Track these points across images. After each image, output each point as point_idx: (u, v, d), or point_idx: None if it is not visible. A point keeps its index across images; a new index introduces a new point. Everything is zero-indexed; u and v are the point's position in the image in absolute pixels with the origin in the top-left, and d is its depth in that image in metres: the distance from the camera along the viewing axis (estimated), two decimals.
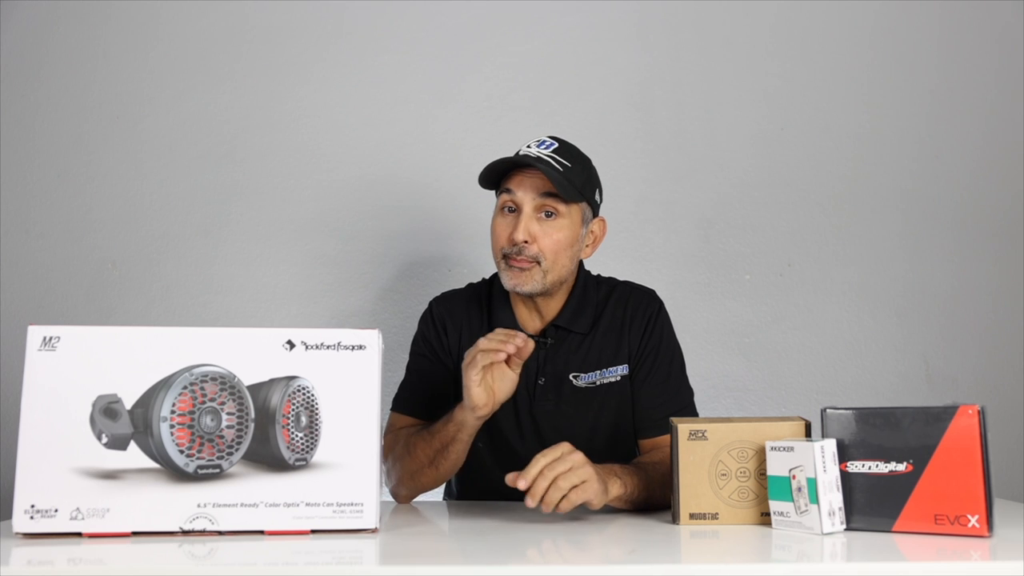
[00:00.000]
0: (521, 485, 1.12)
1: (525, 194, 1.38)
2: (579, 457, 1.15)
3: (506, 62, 2.13)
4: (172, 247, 2.03)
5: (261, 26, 2.10)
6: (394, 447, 1.40)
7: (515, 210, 1.40)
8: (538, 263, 1.38)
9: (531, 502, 1.12)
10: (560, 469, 1.13)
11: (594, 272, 1.58)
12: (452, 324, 1.51)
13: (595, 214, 1.48)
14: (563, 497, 1.12)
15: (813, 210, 2.15)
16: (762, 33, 2.19)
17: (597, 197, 1.47)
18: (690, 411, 1.47)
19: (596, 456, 1.26)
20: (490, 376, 1.25)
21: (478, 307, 1.52)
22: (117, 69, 2.07)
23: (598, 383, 1.45)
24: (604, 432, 1.45)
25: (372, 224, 2.07)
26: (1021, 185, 2.18)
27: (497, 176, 1.43)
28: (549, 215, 1.39)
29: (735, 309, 2.11)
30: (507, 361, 1.25)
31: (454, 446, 1.31)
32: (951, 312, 2.13)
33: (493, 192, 1.57)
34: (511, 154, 1.43)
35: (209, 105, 2.08)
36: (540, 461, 1.14)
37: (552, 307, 1.47)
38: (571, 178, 1.38)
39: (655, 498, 1.26)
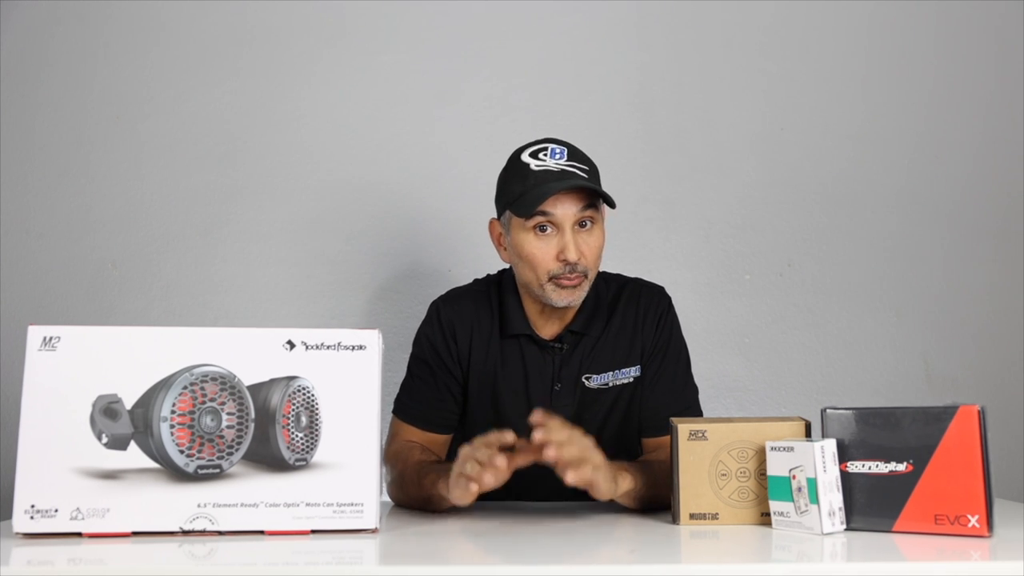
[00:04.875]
0: (537, 418, 1.12)
1: (565, 212, 1.34)
2: (591, 443, 1.16)
3: (506, 62, 2.13)
4: (172, 247, 2.03)
5: (261, 26, 2.10)
6: (394, 464, 1.38)
7: (547, 229, 1.36)
8: (585, 276, 1.37)
9: (549, 447, 1.10)
10: (581, 442, 1.13)
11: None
12: (462, 329, 1.46)
13: None
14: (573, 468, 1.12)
15: (813, 210, 2.15)
16: (761, 33, 2.19)
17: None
18: (695, 409, 1.48)
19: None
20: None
21: (488, 310, 1.48)
22: (117, 69, 2.07)
23: (611, 384, 1.45)
24: (611, 431, 1.44)
25: (372, 224, 2.07)
26: (1021, 185, 2.18)
27: (517, 195, 1.38)
28: (583, 225, 1.37)
29: (735, 309, 2.11)
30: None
31: (438, 506, 1.28)
32: (951, 312, 2.13)
33: (493, 196, 1.55)
34: (515, 160, 1.40)
35: (209, 105, 2.08)
36: (566, 428, 1.13)
37: (568, 311, 1.45)
38: (596, 183, 1.38)
39: (661, 497, 1.26)
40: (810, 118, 2.17)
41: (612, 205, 1.37)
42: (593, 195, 1.36)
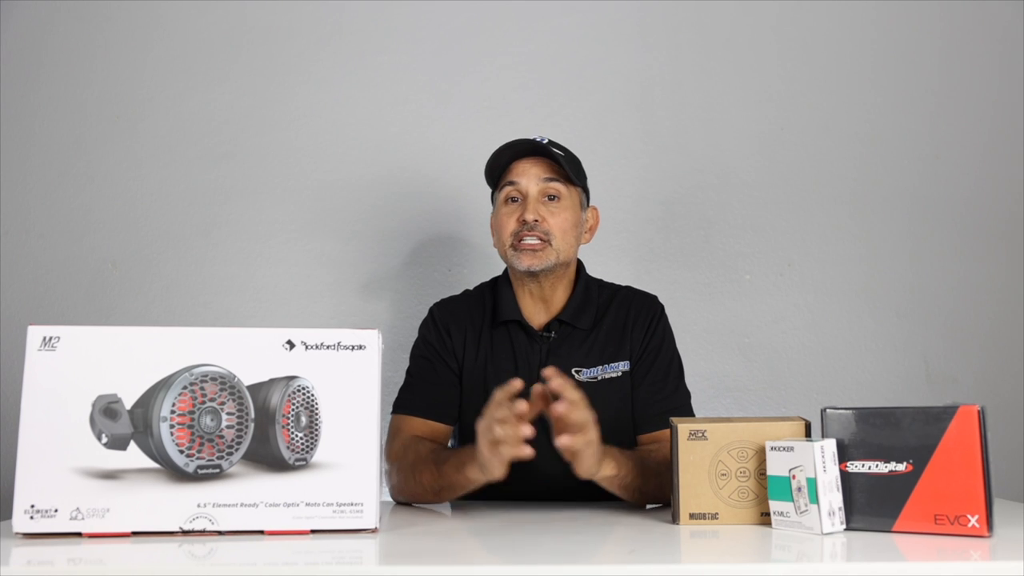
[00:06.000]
0: (550, 374, 1.11)
1: (529, 181, 1.47)
2: (592, 416, 1.16)
3: (506, 62, 2.13)
4: (172, 247, 2.03)
5: (260, 26, 2.11)
6: (402, 457, 1.38)
7: (517, 200, 1.48)
8: (549, 243, 1.45)
9: (561, 402, 1.09)
10: (585, 412, 1.13)
11: (595, 276, 1.61)
12: (455, 326, 1.53)
13: (587, 203, 1.57)
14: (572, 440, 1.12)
15: (813, 210, 2.15)
16: (762, 33, 2.19)
17: (587, 186, 1.57)
18: (687, 411, 1.49)
19: None
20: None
21: (480, 307, 1.55)
22: (117, 69, 2.07)
23: (600, 378, 1.48)
24: (605, 427, 1.44)
25: (372, 224, 2.07)
26: (1021, 186, 2.18)
27: (496, 173, 1.51)
28: (552, 198, 1.47)
29: (735, 309, 2.11)
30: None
31: (461, 491, 1.28)
32: (951, 312, 2.13)
33: (492, 192, 1.58)
34: (506, 152, 1.50)
35: (208, 105, 2.08)
36: (578, 390, 1.13)
37: (557, 301, 1.52)
38: (569, 162, 1.47)
39: (648, 487, 1.28)
40: (811, 118, 2.17)
41: (569, 182, 1.47)
42: (559, 172, 1.46)
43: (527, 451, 1.10)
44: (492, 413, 1.12)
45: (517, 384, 1.12)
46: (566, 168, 1.45)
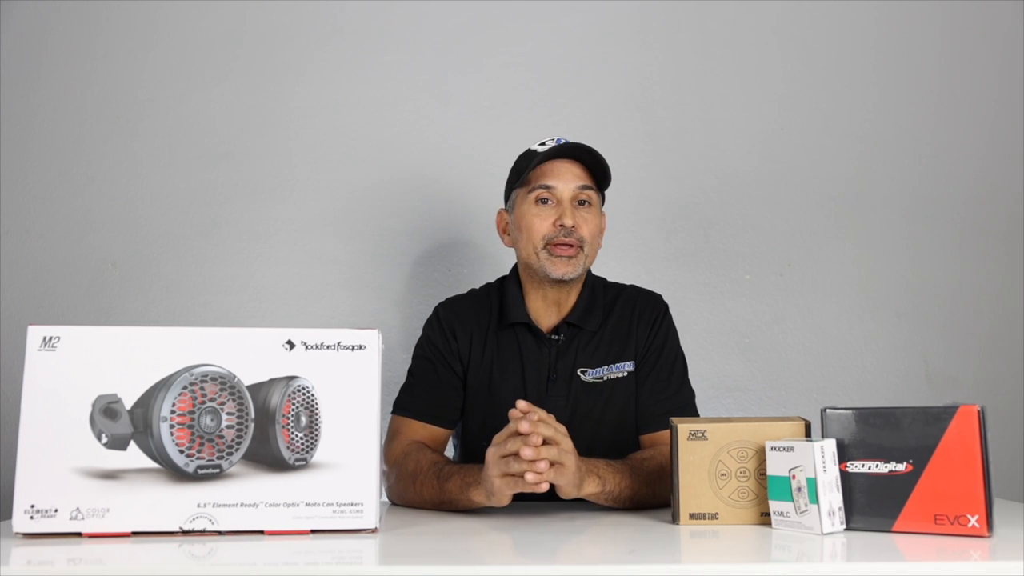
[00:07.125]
0: (522, 405, 1.13)
1: (565, 185, 1.45)
2: (570, 444, 1.16)
3: (506, 62, 2.13)
4: (172, 247, 2.03)
5: (260, 26, 2.10)
6: (402, 463, 1.37)
7: (548, 202, 1.45)
8: (581, 248, 1.45)
9: (529, 452, 1.10)
10: (555, 439, 1.14)
11: (599, 275, 1.61)
12: (461, 328, 1.51)
13: (602, 207, 1.56)
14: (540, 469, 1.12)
15: (813, 210, 2.15)
16: (763, 33, 2.19)
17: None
18: (690, 410, 1.49)
19: (599, 450, 1.27)
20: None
21: (486, 309, 1.53)
22: (117, 69, 2.07)
23: (605, 378, 1.47)
24: (608, 426, 1.46)
25: (372, 224, 2.07)
26: (1021, 186, 2.18)
27: (526, 169, 1.48)
28: (582, 203, 1.46)
29: (735, 309, 2.11)
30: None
31: (462, 508, 1.28)
32: (952, 312, 2.13)
33: (502, 190, 1.57)
34: (519, 152, 1.50)
35: (208, 105, 2.08)
36: (551, 422, 1.14)
37: (567, 303, 1.51)
38: (602, 163, 1.46)
39: (641, 495, 1.27)
40: (810, 118, 2.17)
41: (608, 177, 1.47)
42: (591, 178, 1.46)
43: (542, 488, 1.11)
44: (505, 445, 1.13)
45: (522, 407, 1.13)
46: (602, 173, 1.46)
